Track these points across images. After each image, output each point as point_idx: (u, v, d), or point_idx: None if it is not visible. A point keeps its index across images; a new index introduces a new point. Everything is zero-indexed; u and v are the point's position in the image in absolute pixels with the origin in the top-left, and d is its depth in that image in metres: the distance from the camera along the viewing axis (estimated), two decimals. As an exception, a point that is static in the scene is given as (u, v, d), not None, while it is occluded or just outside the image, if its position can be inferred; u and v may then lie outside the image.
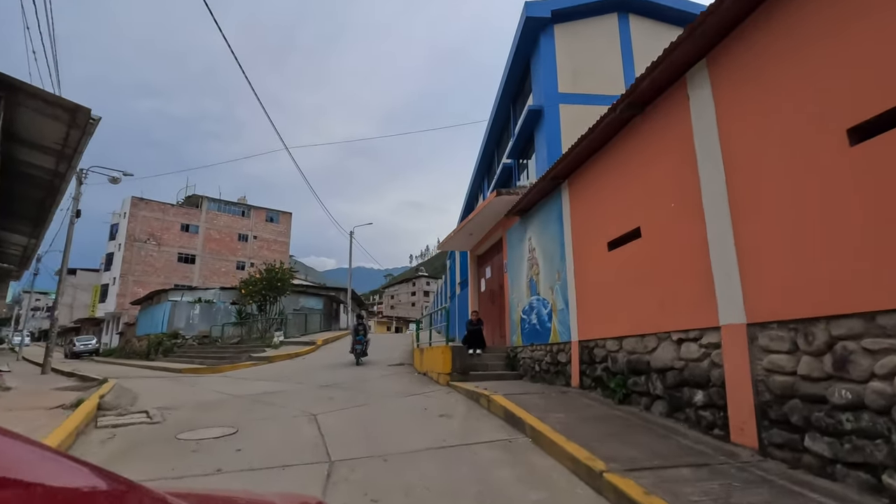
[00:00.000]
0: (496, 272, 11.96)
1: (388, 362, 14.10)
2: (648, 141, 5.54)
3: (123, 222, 40.54)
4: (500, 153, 27.34)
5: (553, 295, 8.06)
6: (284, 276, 22.59)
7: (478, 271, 13.94)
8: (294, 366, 14.48)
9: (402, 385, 9.35)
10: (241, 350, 19.22)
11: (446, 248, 14.40)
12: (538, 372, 8.57)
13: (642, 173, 5.64)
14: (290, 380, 11.29)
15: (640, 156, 5.70)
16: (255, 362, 16.30)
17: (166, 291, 29.05)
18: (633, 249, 5.73)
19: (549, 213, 8.35)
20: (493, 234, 11.67)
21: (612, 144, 6.33)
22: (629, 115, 5.70)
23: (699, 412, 4.44)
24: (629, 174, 5.89)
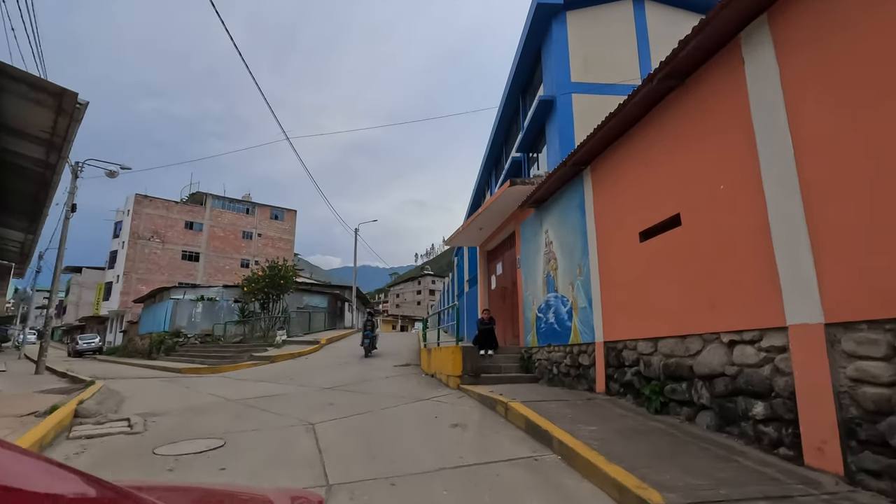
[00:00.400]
0: (508, 268, 11.33)
1: (394, 362, 13.51)
2: (690, 116, 4.88)
3: (127, 220, 40.21)
4: (508, 148, 26.65)
5: (573, 291, 7.41)
6: (287, 274, 22.04)
7: (487, 268, 13.30)
8: (296, 366, 13.92)
9: (409, 388, 8.75)
10: (242, 349, 18.69)
11: (454, 243, 13.78)
12: (556, 375, 7.92)
13: (682, 154, 4.97)
14: (291, 381, 10.72)
15: (679, 134, 5.04)
16: (257, 362, 15.76)
17: (168, 289, 28.61)
18: (671, 239, 5.07)
19: (568, 202, 7.69)
20: (505, 227, 11.03)
21: (644, 123, 5.66)
22: (668, 86, 5.03)
23: (759, 427, 3.79)
24: (665, 155, 5.23)
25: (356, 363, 13.61)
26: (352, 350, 17.43)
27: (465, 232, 12.21)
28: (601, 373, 6.40)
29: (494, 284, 12.51)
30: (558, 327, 7.91)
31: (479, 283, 13.50)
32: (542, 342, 8.61)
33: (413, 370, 11.89)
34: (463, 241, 13.68)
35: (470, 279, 15.35)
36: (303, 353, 16.75)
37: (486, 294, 13.14)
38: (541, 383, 8.49)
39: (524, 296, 9.64)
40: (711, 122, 4.56)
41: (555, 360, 8.01)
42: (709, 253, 4.52)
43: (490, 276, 12.98)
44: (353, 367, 12.77)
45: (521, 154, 21.39)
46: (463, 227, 11.90)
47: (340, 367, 12.86)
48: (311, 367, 13.26)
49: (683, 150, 4.95)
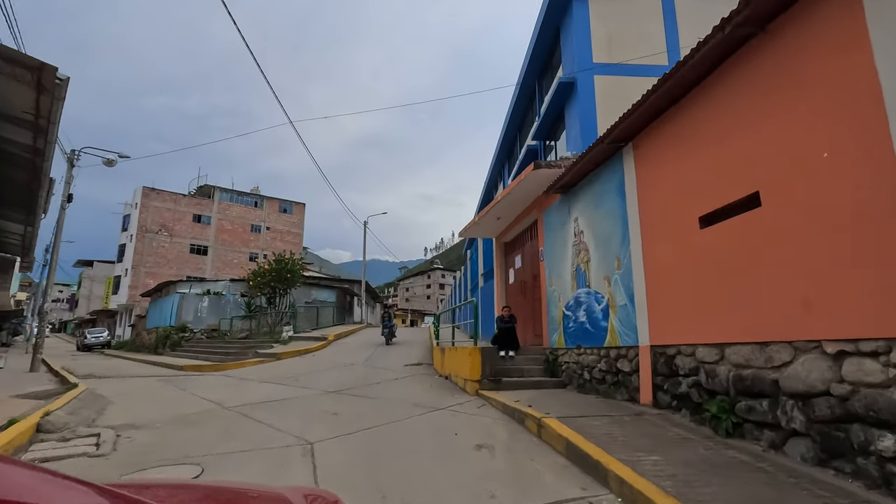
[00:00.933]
0: (529, 260, 10.43)
1: (404, 361, 12.72)
2: (774, 71, 3.93)
3: (135, 213, 39.88)
4: (522, 137, 25.63)
5: (609, 287, 6.50)
6: (294, 267, 21.33)
7: (505, 261, 12.41)
8: (302, 365, 13.19)
9: (422, 393, 7.93)
10: (247, 346, 18.04)
11: (469, 234, 12.91)
12: (588, 381, 7.04)
13: (761, 118, 4.04)
14: (295, 383, 9.97)
15: (757, 94, 4.10)
16: (262, 359, 15.07)
17: (174, 283, 28.13)
18: (746, 223, 4.15)
19: (604, 186, 6.76)
20: (526, 216, 10.12)
21: (707, 86, 4.72)
22: (743, 36, 4.09)
23: (888, 467, 2.89)
24: (737, 121, 4.29)
25: (364, 362, 12.84)
26: (361, 347, 16.69)
27: (482, 222, 11.32)
28: (647, 382, 5.51)
29: (513, 278, 11.62)
30: (591, 327, 7.01)
31: (496, 278, 12.63)
32: (570, 343, 7.73)
33: (425, 370, 11.09)
34: (478, 233, 12.80)
35: (485, 273, 14.48)
36: (310, 350, 16.05)
37: (502, 289, 12.27)
38: (568, 389, 7.62)
39: (548, 291, 8.75)
40: (808, 73, 3.62)
41: (586, 365, 7.13)
42: (802, 238, 3.59)
43: (508, 270, 12.10)
44: (362, 367, 11.99)
45: (537, 142, 20.39)
46: (479, 216, 11.00)
47: (348, 367, 12.10)
48: (317, 366, 12.52)
49: (765, 112, 4.01)
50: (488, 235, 12.95)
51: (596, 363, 6.84)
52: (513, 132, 25.95)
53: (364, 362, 12.87)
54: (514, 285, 11.57)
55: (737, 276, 4.23)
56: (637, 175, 5.93)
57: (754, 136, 4.09)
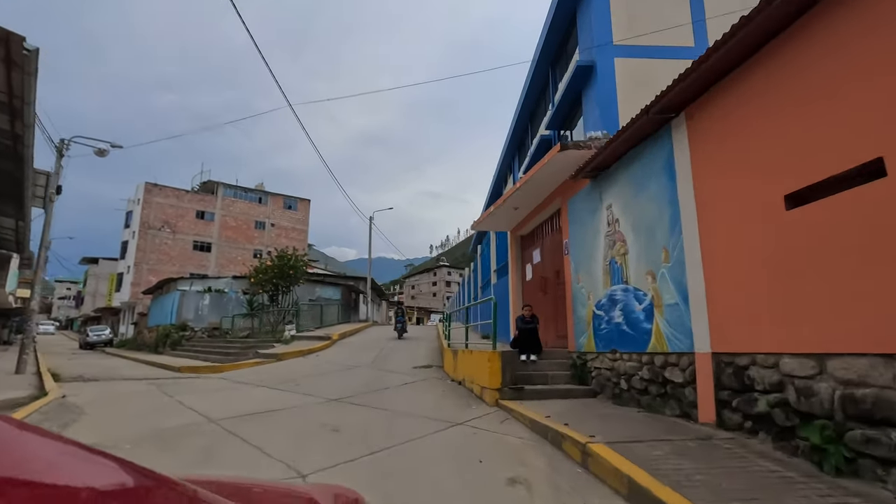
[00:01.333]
0: (550, 254, 9.52)
1: (412, 362, 11.88)
2: None
3: (137, 209, 39.28)
4: (534, 128, 24.66)
5: (654, 283, 5.59)
6: (297, 264, 20.53)
7: (521, 255, 11.50)
8: (303, 366, 12.37)
9: (434, 402, 7.05)
10: (248, 345, 17.26)
11: (482, 227, 12.01)
12: (625, 391, 6.13)
13: (878, 67, 3.12)
14: (294, 388, 9.15)
15: (870, 36, 3.18)
16: (262, 360, 14.28)
17: (175, 280, 27.44)
18: (862, 199, 3.22)
19: (646, 165, 5.84)
20: (548, 205, 9.20)
21: (793, 34, 3.79)
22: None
23: None
24: (847, 72, 3.37)
25: (370, 364, 12.01)
26: (366, 346, 15.87)
27: (497, 213, 10.41)
28: (707, 396, 4.59)
29: (530, 275, 10.71)
30: (629, 329, 6.10)
31: (511, 274, 11.73)
32: (602, 347, 6.81)
33: (436, 373, 10.23)
34: (492, 225, 11.89)
35: (498, 269, 13.59)
36: (313, 351, 15.24)
37: (518, 286, 11.36)
38: (600, 399, 6.72)
39: (575, 288, 7.84)
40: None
41: (623, 372, 6.22)
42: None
43: (524, 266, 11.19)
44: (367, 370, 11.15)
45: (551, 132, 19.42)
46: (495, 206, 10.10)
47: (352, 369, 11.26)
48: (319, 368, 11.69)
49: (884, 59, 3.08)
50: (503, 228, 12.04)
51: (636, 371, 5.92)
52: (524, 123, 24.97)
53: (370, 364, 12.03)
54: (532, 282, 10.66)
55: (846, 267, 3.31)
56: (692, 150, 4.99)
57: (875, 90, 3.16)
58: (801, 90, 3.72)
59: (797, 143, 3.72)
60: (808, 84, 3.66)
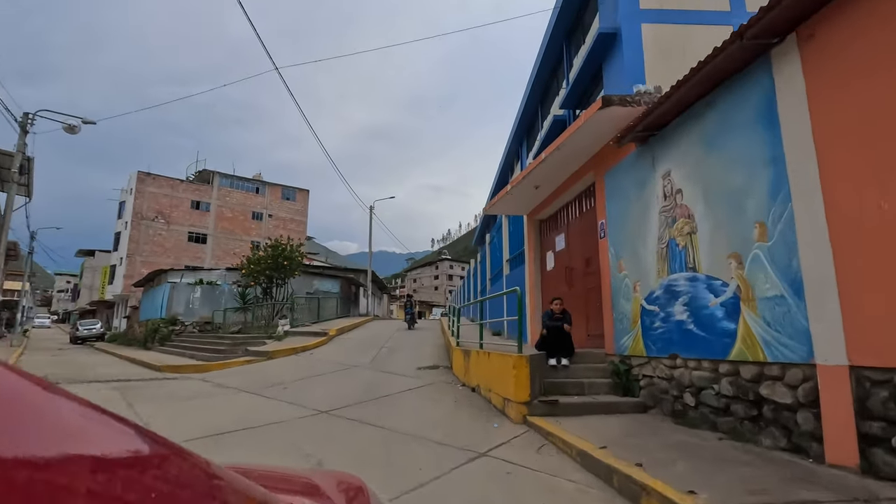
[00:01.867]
0: (578, 240, 8.16)
1: (416, 362, 10.60)
2: None
3: (129, 199, 37.94)
4: (545, 110, 23.19)
5: (741, 268, 4.23)
6: (292, 255, 19.19)
7: (541, 242, 10.13)
8: (295, 366, 11.08)
9: (445, 418, 5.73)
10: (238, 341, 15.96)
11: (495, 211, 10.63)
12: (693, 408, 4.79)
13: None
14: (281, 394, 7.89)
15: None
16: (251, 359, 12.99)
17: (165, 272, 26.15)
18: None
19: (727, 115, 4.45)
20: (576, 181, 7.82)
21: None
22: None
23: None
24: None
25: (370, 363, 10.72)
26: (366, 343, 14.57)
27: (513, 194, 9.04)
28: (842, 428, 3.24)
29: (552, 264, 9.35)
30: (699, 329, 4.75)
31: (528, 263, 10.37)
32: (656, 351, 5.47)
33: (443, 376, 8.94)
34: (506, 209, 10.52)
35: (512, 259, 12.24)
36: (307, 348, 13.94)
37: (536, 277, 10.00)
38: (653, 414, 5.39)
39: (615, 278, 6.48)
40: None
41: (688, 384, 4.88)
42: None
43: (545, 254, 9.83)
44: (366, 370, 9.86)
45: (566, 111, 17.97)
46: (512, 185, 8.72)
47: (349, 370, 9.96)
48: (313, 369, 10.40)
49: None
50: (519, 212, 10.67)
51: (709, 383, 4.58)
52: (533, 106, 23.49)
53: (369, 364, 10.74)
54: (553, 272, 9.30)
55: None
56: (810, 87, 3.60)
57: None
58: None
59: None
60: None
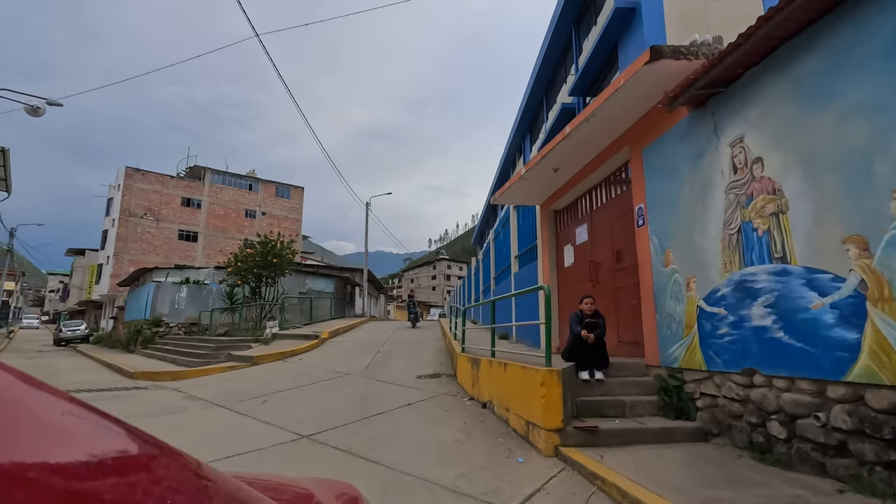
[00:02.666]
0: (606, 229, 7.01)
1: (416, 369, 9.48)
2: None
3: (117, 195, 36.61)
4: (550, 100, 22.06)
5: (867, 258, 3.08)
6: (282, 252, 17.99)
7: (556, 235, 8.99)
8: (280, 374, 9.93)
9: (454, 448, 4.57)
10: (222, 345, 14.76)
11: (504, 200, 9.47)
12: (783, 441, 3.66)
13: None
14: (258, 410, 6.75)
15: None
16: (233, 364, 11.82)
17: (150, 270, 24.89)
18: None
19: (848, 49, 3.30)
20: (604, 161, 6.67)
21: None
22: None
23: None
24: None
25: (364, 371, 9.58)
26: (361, 347, 13.41)
27: (527, 180, 7.88)
28: None
29: (571, 259, 8.21)
30: (793, 338, 3.61)
31: (541, 260, 9.23)
32: (724, 364, 4.33)
33: (447, 387, 7.81)
34: (516, 198, 9.36)
35: (521, 255, 11.10)
36: (296, 352, 12.77)
37: (552, 274, 8.86)
38: (717, 444, 4.26)
39: (659, 273, 5.34)
40: None
41: (776, 409, 3.73)
42: None
43: (562, 248, 8.68)
44: (359, 380, 8.71)
45: (575, 99, 16.86)
46: (527, 168, 7.57)
47: (340, 379, 8.81)
48: (300, 377, 9.24)
49: None
50: (530, 202, 9.53)
51: (811, 410, 3.45)
52: (538, 96, 22.34)
53: (363, 371, 9.59)
54: (573, 269, 8.16)
55: None
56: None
57: None
58: None
59: None
60: None
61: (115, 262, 35.06)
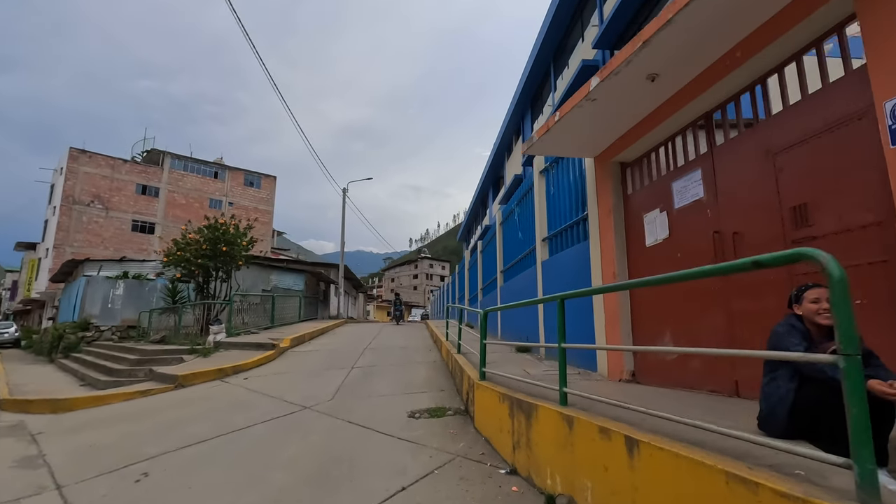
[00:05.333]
0: (758, 171, 3.92)
1: (407, 399, 6.39)
2: None
3: (60, 180, 32.33)
4: (559, 66, 19.13)
5: None
6: (235, 239, 14.56)
7: (625, 201, 5.91)
8: (205, 409, 6.67)
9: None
10: (146, 357, 11.26)
11: (542, 149, 6.29)
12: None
13: None
14: (141, 483, 3.44)
15: None
16: (150, 388, 8.44)
17: (82, 262, 21.06)
18: None
19: None
20: (779, 33, 3.61)
21: None
22: None
23: None
24: None
25: (330, 399, 6.40)
26: (331, 359, 10.18)
27: (593, 103, 4.79)
28: None
29: (660, 233, 5.14)
30: None
31: (595, 238, 6.16)
32: None
33: (459, 437, 4.69)
34: (561, 144, 6.21)
35: (553, 236, 8.02)
36: (241, 368, 9.45)
37: (619, 259, 5.78)
38: None
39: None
40: None
41: None
42: None
43: (634, 218, 5.61)
44: (321, 420, 5.52)
45: (599, 52, 13.91)
46: (581, 96, 4.48)
47: (290, 421, 5.57)
48: (228, 416, 5.97)
49: None
50: (580, 152, 6.43)
51: None
52: (544, 62, 19.33)
53: (329, 401, 6.43)
54: (664, 249, 5.09)
55: None
56: None
57: None
58: None
59: None
60: None
61: (56, 255, 30.81)
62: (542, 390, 4.03)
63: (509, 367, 6.33)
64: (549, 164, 8.08)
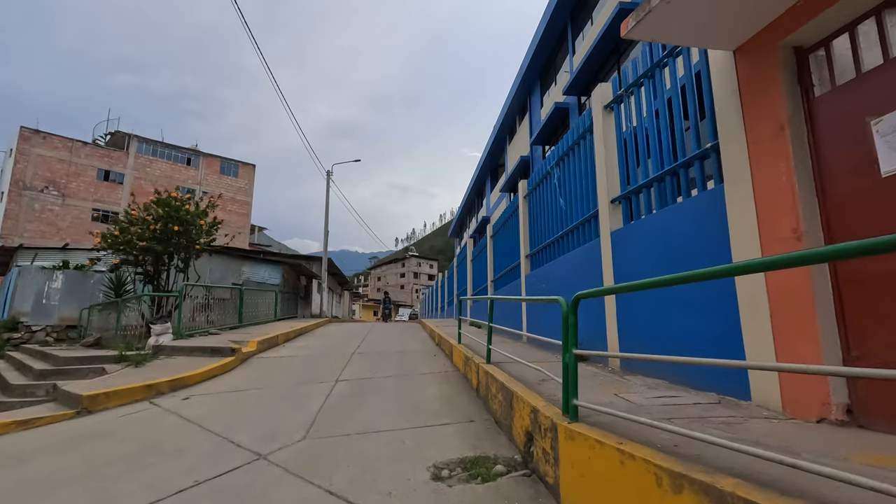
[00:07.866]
0: None
1: (418, 433, 3.78)
2: None
3: (9, 162, 28.98)
4: (578, 26, 16.81)
5: None
6: (191, 217, 11.87)
7: (807, 106, 3.49)
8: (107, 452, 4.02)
9: None
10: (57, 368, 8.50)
11: (650, 31, 3.88)
12: None
13: None
14: None
15: None
16: (40, 413, 5.75)
17: (16, 249, 18.06)
18: None
19: None
20: None
21: None
22: None
23: None
24: None
25: (298, 443, 3.77)
26: (308, 369, 7.59)
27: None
28: None
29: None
30: None
31: (750, 176, 3.75)
32: None
33: None
34: (685, 23, 3.79)
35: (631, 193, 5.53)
36: (184, 382, 6.81)
37: (803, 207, 3.37)
38: None
39: None
40: None
41: None
42: None
43: (849, 130, 3.21)
44: (283, 491, 2.87)
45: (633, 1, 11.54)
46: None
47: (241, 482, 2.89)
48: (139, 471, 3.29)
49: None
50: (707, 41, 3.97)
51: None
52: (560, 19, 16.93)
53: (299, 443, 3.77)
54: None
55: None
56: None
57: None
58: None
59: None
60: None
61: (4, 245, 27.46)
62: (719, 451, 1.55)
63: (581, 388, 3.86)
64: (624, 90, 5.60)
